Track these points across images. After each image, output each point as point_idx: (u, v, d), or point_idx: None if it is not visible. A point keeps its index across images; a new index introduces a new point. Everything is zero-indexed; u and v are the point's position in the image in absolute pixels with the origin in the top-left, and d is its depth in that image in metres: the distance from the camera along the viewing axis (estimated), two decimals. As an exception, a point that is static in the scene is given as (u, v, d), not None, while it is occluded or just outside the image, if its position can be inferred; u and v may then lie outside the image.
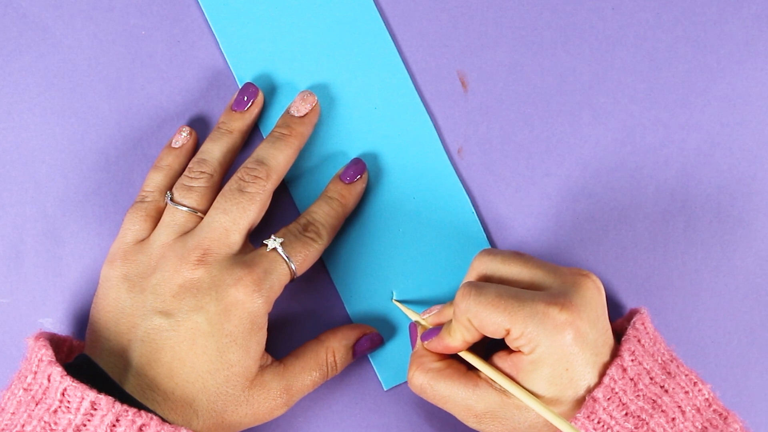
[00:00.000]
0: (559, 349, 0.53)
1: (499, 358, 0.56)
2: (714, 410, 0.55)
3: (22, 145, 0.64)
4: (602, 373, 0.54)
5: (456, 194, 0.64)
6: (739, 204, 0.66)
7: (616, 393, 0.53)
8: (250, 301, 0.56)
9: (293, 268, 0.59)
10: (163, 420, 0.52)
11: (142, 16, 0.65)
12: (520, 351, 0.55)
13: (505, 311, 0.54)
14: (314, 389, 0.61)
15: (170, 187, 0.61)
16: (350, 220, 0.64)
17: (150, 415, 0.52)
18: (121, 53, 0.65)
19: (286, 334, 0.64)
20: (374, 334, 0.62)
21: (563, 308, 0.53)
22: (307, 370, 0.60)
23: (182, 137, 0.63)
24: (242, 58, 0.64)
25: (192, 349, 0.56)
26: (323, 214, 0.61)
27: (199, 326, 0.56)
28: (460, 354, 0.58)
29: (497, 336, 0.55)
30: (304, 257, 0.59)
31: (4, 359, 0.63)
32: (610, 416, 0.53)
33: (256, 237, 0.61)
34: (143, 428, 0.52)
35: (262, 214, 0.60)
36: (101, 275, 0.59)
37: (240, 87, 0.63)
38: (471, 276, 0.58)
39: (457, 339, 0.57)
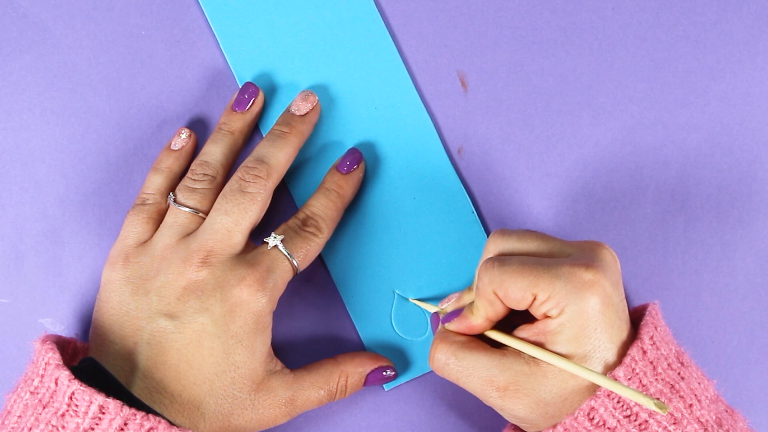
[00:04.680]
0: (588, 307, 0.52)
1: (522, 330, 0.55)
2: (720, 405, 0.56)
3: (22, 145, 0.64)
4: (621, 353, 0.54)
5: (456, 194, 0.64)
6: (739, 204, 0.66)
7: (637, 374, 0.53)
8: (255, 300, 0.56)
9: (295, 264, 0.59)
10: (171, 423, 0.52)
11: (142, 16, 0.65)
12: (546, 317, 0.54)
13: (530, 275, 0.53)
14: (318, 407, 0.61)
15: (170, 189, 0.61)
16: (350, 220, 0.64)
17: (158, 418, 0.51)
18: (121, 53, 0.65)
19: (286, 335, 0.64)
20: (390, 368, 0.62)
21: (589, 268, 0.53)
22: (316, 387, 0.60)
23: (181, 139, 0.63)
24: (242, 58, 0.64)
25: (198, 350, 0.56)
26: (322, 207, 0.61)
27: (205, 328, 0.56)
28: (485, 333, 0.57)
29: (522, 305, 0.54)
30: (305, 252, 0.59)
31: (4, 359, 0.63)
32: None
33: (256, 233, 0.61)
34: (151, 432, 0.52)
35: (264, 212, 0.60)
36: (103, 278, 0.59)
37: (240, 87, 0.63)
38: (488, 255, 0.57)
39: (480, 316, 0.56)
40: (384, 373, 0.62)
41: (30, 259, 0.64)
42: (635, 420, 0.52)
